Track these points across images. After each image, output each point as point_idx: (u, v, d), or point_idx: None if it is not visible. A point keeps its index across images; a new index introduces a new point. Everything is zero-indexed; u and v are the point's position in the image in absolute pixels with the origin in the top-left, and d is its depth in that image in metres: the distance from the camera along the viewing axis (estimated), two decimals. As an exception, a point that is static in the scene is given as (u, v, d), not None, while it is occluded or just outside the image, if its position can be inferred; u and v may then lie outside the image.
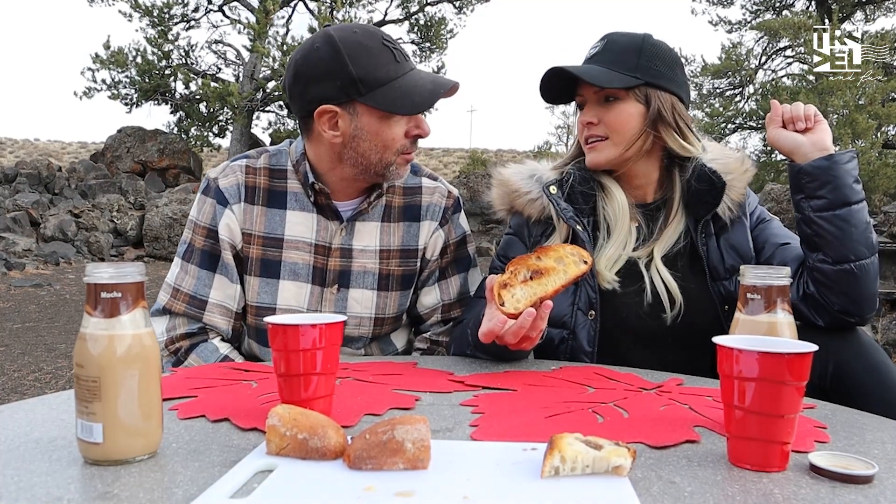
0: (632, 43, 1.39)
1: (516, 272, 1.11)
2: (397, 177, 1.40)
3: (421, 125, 1.36)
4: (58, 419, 0.88)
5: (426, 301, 1.53)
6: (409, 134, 1.35)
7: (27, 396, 3.81)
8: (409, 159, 1.39)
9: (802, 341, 0.80)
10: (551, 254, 1.12)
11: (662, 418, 0.91)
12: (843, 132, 12.19)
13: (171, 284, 1.44)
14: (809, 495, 0.67)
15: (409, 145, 1.37)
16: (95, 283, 0.74)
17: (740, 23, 16.92)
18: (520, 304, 1.09)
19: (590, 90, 1.40)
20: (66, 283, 8.12)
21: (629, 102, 1.37)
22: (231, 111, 14.40)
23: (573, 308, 1.37)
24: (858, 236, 1.22)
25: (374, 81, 1.29)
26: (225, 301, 1.43)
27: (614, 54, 1.38)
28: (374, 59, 1.30)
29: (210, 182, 1.44)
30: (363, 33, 1.33)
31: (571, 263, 1.11)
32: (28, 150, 24.81)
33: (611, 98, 1.38)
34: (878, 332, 5.09)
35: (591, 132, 1.40)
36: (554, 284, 1.10)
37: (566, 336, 1.37)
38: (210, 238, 1.42)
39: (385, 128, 1.32)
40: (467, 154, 25.08)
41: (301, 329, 0.87)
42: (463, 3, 16.76)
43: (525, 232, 1.47)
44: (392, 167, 1.37)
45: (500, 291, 1.09)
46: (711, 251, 1.38)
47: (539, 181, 1.46)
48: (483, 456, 0.76)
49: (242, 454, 0.76)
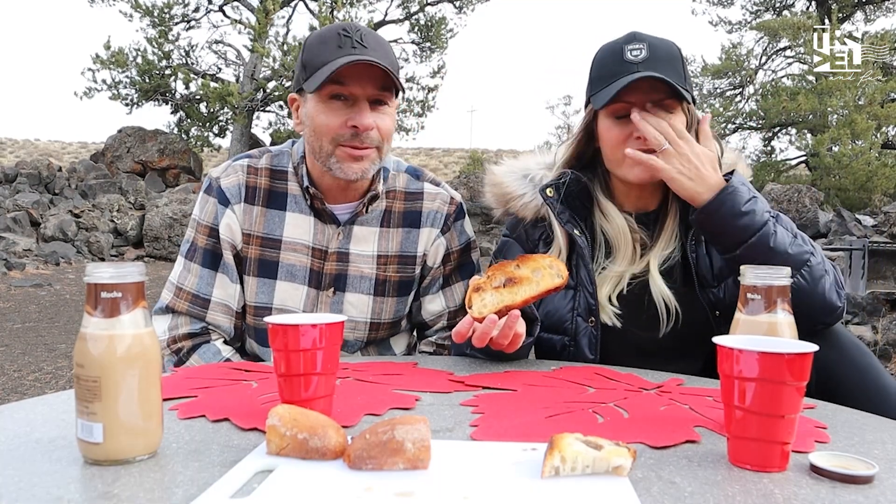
0: (674, 51, 1.31)
1: (492, 277, 1.12)
2: (343, 173, 1.34)
3: (357, 116, 1.31)
4: (58, 419, 0.88)
5: (431, 308, 1.52)
6: (347, 124, 1.31)
7: (27, 396, 3.81)
8: (354, 154, 1.33)
9: (802, 341, 0.80)
10: (530, 264, 1.12)
11: (663, 418, 0.91)
12: (843, 132, 12.19)
13: (174, 283, 1.44)
14: (810, 495, 0.67)
15: (350, 137, 1.32)
16: (96, 283, 0.74)
17: (740, 23, 16.93)
18: (485, 309, 1.09)
19: (645, 100, 1.27)
20: (67, 283, 8.11)
21: (678, 115, 1.29)
22: (231, 111, 14.41)
23: (573, 314, 1.35)
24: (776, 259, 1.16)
25: (312, 67, 1.32)
26: (227, 300, 1.43)
27: (666, 63, 1.27)
28: (321, 46, 1.33)
29: (212, 181, 1.45)
30: (329, 27, 1.36)
31: (547, 276, 1.10)
32: (28, 150, 24.82)
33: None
34: (879, 333, 5.09)
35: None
36: (523, 295, 1.10)
37: (567, 343, 1.35)
38: (212, 237, 1.43)
39: (319, 112, 1.33)
40: (467, 154, 25.11)
41: (301, 329, 0.87)
42: (463, 3, 16.75)
43: (523, 234, 1.44)
44: (333, 159, 1.33)
45: (472, 294, 1.10)
46: (700, 258, 1.34)
47: (533, 181, 1.43)
48: (483, 456, 0.76)
49: (242, 454, 0.76)
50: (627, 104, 1.27)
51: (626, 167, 1.30)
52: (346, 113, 1.32)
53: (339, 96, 1.31)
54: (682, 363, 1.33)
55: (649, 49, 1.29)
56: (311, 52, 1.33)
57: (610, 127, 1.32)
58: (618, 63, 1.30)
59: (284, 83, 14.09)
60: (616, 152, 1.31)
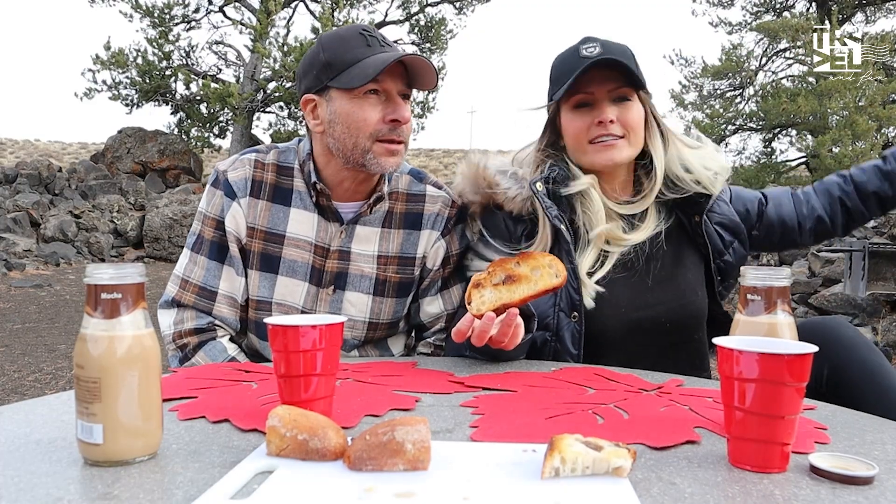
0: (626, 49, 1.41)
1: (493, 274, 1.12)
2: (380, 168, 1.35)
3: (397, 109, 1.32)
4: (58, 420, 0.88)
5: (429, 310, 1.53)
6: (386, 119, 1.32)
7: (27, 397, 3.80)
8: (391, 149, 1.34)
9: (802, 342, 0.80)
10: (530, 262, 1.12)
11: (663, 419, 0.91)
12: (844, 133, 12.18)
13: (180, 276, 1.45)
14: (810, 496, 0.67)
15: (388, 131, 1.33)
16: (95, 284, 0.74)
17: (740, 24, 16.92)
18: (484, 306, 1.09)
19: (604, 89, 1.36)
20: (67, 284, 8.12)
21: (636, 103, 1.39)
22: (231, 112, 14.41)
23: (555, 310, 1.36)
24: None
25: (341, 64, 1.31)
26: (233, 293, 1.44)
27: (620, 56, 1.35)
28: (345, 44, 1.32)
29: (219, 174, 1.45)
30: (346, 28, 1.37)
31: (545, 275, 1.10)
32: (28, 151, 24.81)
33: (623, 98, 1.38)
34: (879, 334, 5.09)
35: (609, 131, 1.36)
36: (522, 293, 1.10)
37: (549, 338, 1.36)
38: (219, 230, 1.44)
39: (356, 109, 1.32)
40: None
41: (301, 330, 0.87)
42: (463, 4, 16.76)
43: (504, 229, 1.45)
44: (370, 155, 1.33)
45: (472, 290, 1.10)
46: (710, 236, 1.45)
47: (515, 177, 1.45)
48: (483, 457, 0.76)
49: (242, 455, 0.76)
50: (587, 94, 1.38)
51: (591, 153, 1.39)
52: (383, 108, 1.33)
53: (375, 91, 1.32)
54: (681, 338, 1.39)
55: (602, 46, 1.38)
56: (335, 52, 1.32)
57: (572, 118, 1.41)
58: (574, 61, 1.38)
59: (285, 84, 14.09)
60: (580, 140, 1.40)
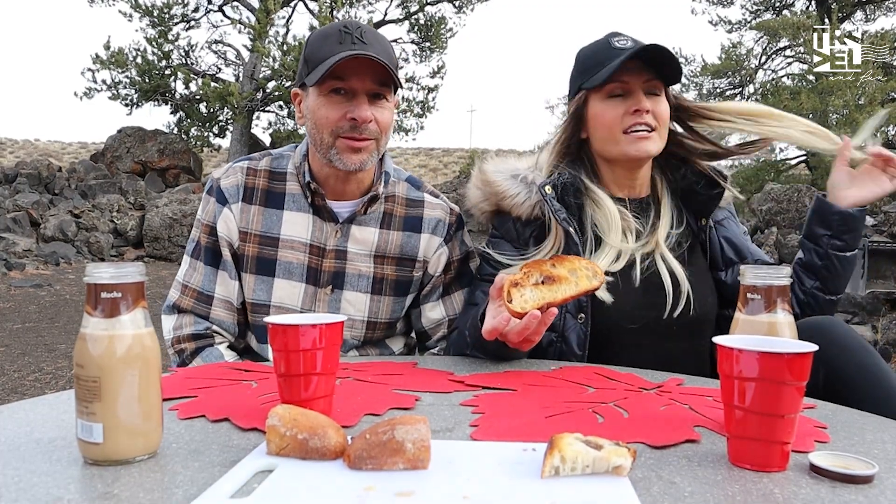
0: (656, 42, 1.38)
1: (529, 274, 1.11)
2: (343, 164, 1.36)
3: (356, 108, 1.33)
4: (58, 419, 0.88)
5: (432, 316, 1.54)
6: (346, 116, 1.34)
7: (27, 397, 3.81)
8: (352, 146, 1.35)
9: (802, 341, 0.80)
10: (566, 264, 1.12)
11: (662, 418, 0.91)
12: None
13: (181, 281, 1.49)
14: (809, 495, 0.67)
15: (348, 129, 1.34)
16: (95, 283, 0.74)
17: (740, 23, 16.91)
18: (527, 304, 1.09)
19: (640, 80, 1.36)
20: (67, 284, 8.12)
21: (664, 98, 1.39)
22: (231, 111, 14.40)
23: (561, 310, 1.36)
24: (850, 275, 1.42)
25: (314, 61, 1.34)
26: (228, 296, 1.47)
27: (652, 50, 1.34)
28: (323, 41, 1.35)
29: (213, 182, 1.49)
30: (332, 24, 1.39)
31: (584, 277, 1.11)
32: (28, 151, 24.80)
33: (654, 92, 1.38)
34: (879, 332, 5.09)
35: (645, 120, 1.35)
36: (564, 293, 1.10)
37: (555, 339, 1.36)
38: (212, 235, 1.47)
39: (320, 106, 1.35)
40: (467, 154, 25.08)
41: (301, 329, 0.87)
42: (463, 3, 16.74)
43: (513, 232, 1.46)
44: (333, 150, 1.36)
45: (511, 289, 1.10)
46: (713, 242, 1.47)
47: (525, 182, 1.45)
48: (483, 456, 0.76)
49: (242, 454, 0.76)
50: (622, 83, 1.36)
51: (625, 144, 1.37)
52: (346, 106, 1.34)
53: (339, 90, 1.34)
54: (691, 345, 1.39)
55: (633, 42, 1.39)
56: (313, 48, 1.36)
57: (605, 107, 1.39)
58: (607, 51, 1.39)
59: (284, 83, 14.09)
60: (613, 130, 1.38)
